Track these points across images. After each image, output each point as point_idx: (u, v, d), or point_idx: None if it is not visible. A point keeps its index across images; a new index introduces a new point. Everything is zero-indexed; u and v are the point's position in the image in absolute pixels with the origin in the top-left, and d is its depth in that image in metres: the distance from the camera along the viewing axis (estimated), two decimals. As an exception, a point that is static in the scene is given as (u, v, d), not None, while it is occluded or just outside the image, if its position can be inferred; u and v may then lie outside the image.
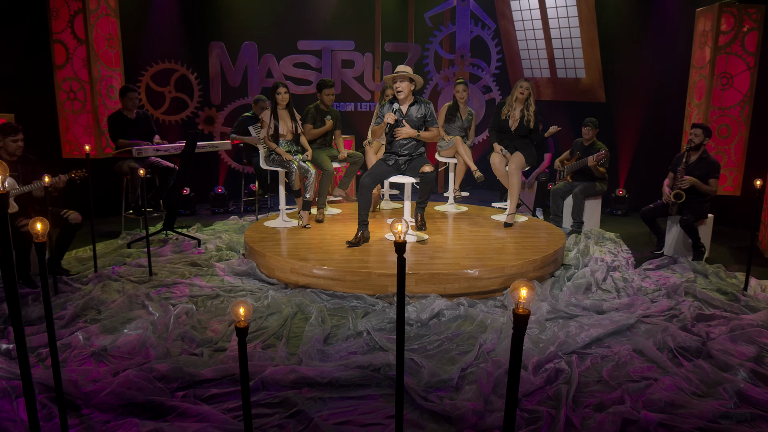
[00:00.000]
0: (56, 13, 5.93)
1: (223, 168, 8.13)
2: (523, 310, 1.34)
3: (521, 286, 1.33)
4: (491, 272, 4.36)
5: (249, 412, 1.80)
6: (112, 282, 4.58)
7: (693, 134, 5.19)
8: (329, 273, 4.39)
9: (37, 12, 6.04)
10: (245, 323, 1.63)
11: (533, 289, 1.33)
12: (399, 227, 1.85)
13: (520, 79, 5.75)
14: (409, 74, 4.87)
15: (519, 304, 1.34)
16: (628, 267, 5.06)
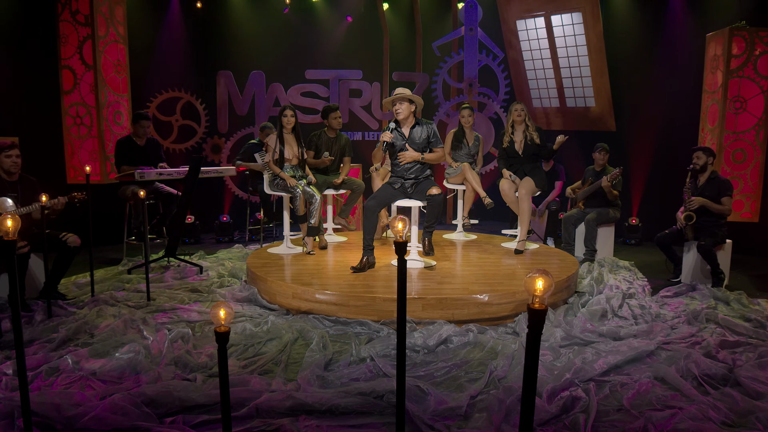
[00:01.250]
0: (65, 39, 5.97)
1: (228, 196, 8.05)
2: (540, 305, 1.18)
3: (538, 277, 1.18)
4: (502, 297, 4.17)
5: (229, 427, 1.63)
6: (108, 307, 4.43)
7: (695, 157, 5.10)
8: (332, 298, 4.22)
9: (46, 37, 6.08)
10: (226, 327, 1.47)
11: (551, 280, 1.18)
12: (399, 225, 1.71)
13: (512, 103, 5.69)
14: (408, 96, 4.79)
15: (535, 297, 1.18)
16: (645, 294, 4.85)
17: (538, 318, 1.19)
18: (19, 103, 6.08)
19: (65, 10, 5.90)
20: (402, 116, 4.79)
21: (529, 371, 1.25)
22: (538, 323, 1.20)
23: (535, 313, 1.19)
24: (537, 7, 8.01)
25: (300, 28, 8.33)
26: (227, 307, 1.51)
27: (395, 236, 1.72)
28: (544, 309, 1.20)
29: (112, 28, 6.12)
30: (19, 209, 4.30)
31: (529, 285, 1.20)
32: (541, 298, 1.19)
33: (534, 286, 1.18)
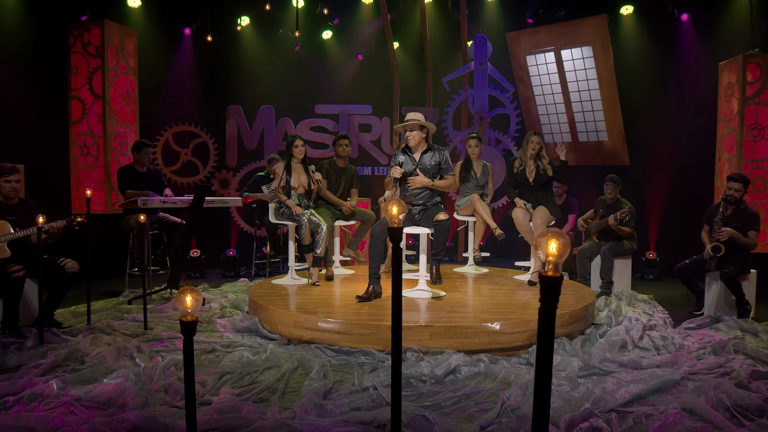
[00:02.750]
0: (76, 70, 6.02)
1: (235, 230, 7.95)
2: (554, 272, 1.00)
3: (550, 237, 1.00)
4: (515, 326, 3.94)
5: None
6: (103, 335, 4.25)
7: (732, 189, 4.81)
8: (335, 326, 4.01)
9: (58, 68, 6.14)
10: (193, 317, 1.31)
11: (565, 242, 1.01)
12: (395, 210, 1.55)
13: (530, 132, 5.56)
14: (420, 121, 4.70)
15: (548, 263, 1.01)
16: (667, 326, 4.58)
17: (552, 288, 1.02)
18: (28, 131, 6.10)
19: (77, 42, 5.97)
20: (413, 143, 4.70)
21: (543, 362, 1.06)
22: (553, 295, 1.02)
23: (548, 282, 1.01)
24: (546, 43, 8.02)
25: (310, 65, 8.39)
26: (194, 293, 1.35)
27: (390, 222, 1.56)
28: (560, 277, 1.02)
29: (122, 60, 6.18)
30: (16, 232, 4.20)
31: (541, 247, 1.03)
32: (555, 264, 1.01)
33: (546, 248, 1.01)
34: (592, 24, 7.47)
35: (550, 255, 1.01)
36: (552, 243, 1.01)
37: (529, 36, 8.15)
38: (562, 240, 1.01)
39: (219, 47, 7.81)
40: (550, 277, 1.01)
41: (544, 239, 1.02)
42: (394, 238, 1.52)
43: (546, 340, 1.00)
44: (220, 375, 3.42)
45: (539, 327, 1.03)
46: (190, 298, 1.34)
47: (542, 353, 1.05)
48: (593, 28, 7.49)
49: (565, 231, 7.00)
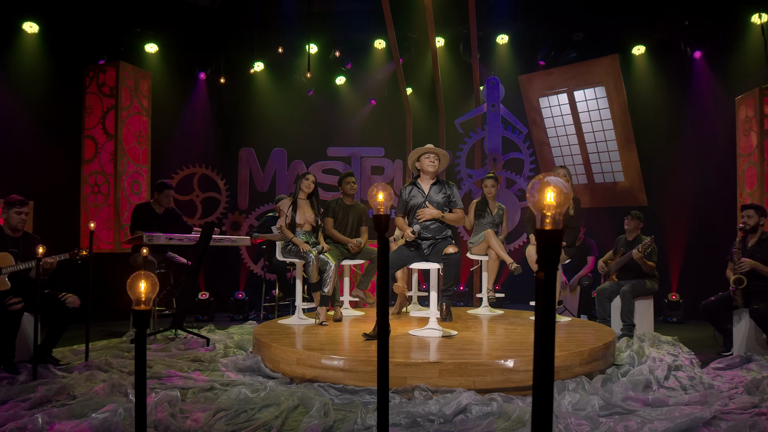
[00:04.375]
0: (90, 110, 6.12)
1: (244, 272, 7.83)
2: (553, 225, 0.85)
3: (545, 186, 0.86)
4: (530, 363, 3.70)
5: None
6: (100, 372, 4.10)
7: (746, 216, 4.67)
8: (339, 363, 3.81)
9: (73, 108, 6.26)
10: (147, 306, 1.17)
11: (566, 193, 0.86)
12: (380, 197, 1.42)
13: (557, 166, 5.45)
14: (439, 152, 4.64)
15: (545, 216, 0.86)
16: (694, 367, 4.29)
17: (551, 244, 0.86)
18: (41, 169, 6.17)
19: (93, 82, 6.10)
20: (432, 168, 4.63)
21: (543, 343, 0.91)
22: (552, 253, 0.87)
23: (546, 237, 0.86)
24: (559, 84, 8.01)
25: (323, 109, 8.47)
26: (150, 279, 1.22)
27: (376, 209, 1.43)
28: (559, 231, 0.87)
29: (136, 100, 6.27)
30: (17, 265, 4.13)
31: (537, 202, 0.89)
32: (553, 217, 0.86)
33: (542, 200, 0.86)
34: (605, 64, 7.46)
35: (547, 206, 0.86)
36: (549, 192, 0.87)
37: (541, 78, 8.16)
38: (560, 188, 0.87)
39: (233, 91, 7.93)
40: (548, 231, 0.86)
41: (541, 190, 0.87)
42: (379, 227, 1.39)
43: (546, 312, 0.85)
44: (214, 412, 3.23)
45: (537, 295, 0.89)
46: (144, 284, 1.21)
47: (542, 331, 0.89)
48: (605, 68, 7.47)
49: (583, 272, 6.77)
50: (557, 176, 3.53)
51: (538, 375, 0.97)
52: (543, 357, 0.96)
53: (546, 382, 0.97)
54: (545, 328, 0.93)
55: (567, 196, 0.90)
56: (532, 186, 0.91)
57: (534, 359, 1.01)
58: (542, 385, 0.96)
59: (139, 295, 1.22)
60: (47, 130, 6.26)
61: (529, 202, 0.94)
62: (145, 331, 1.23)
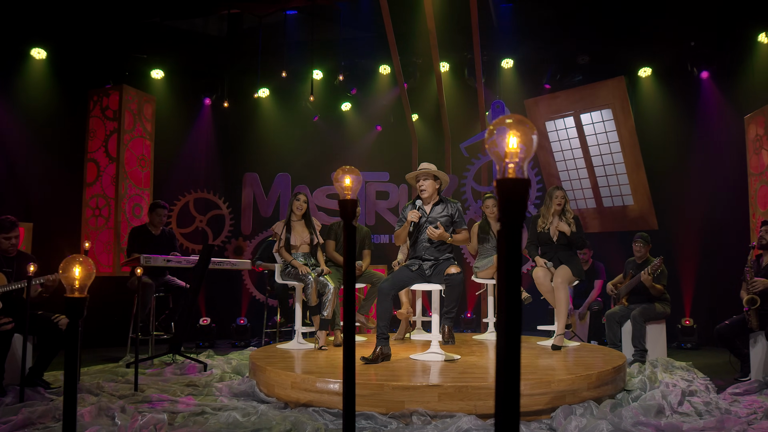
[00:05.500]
0: (94, 133, 6.13)
1: (246, 297, 7.71)
2: (515, 173, 0.74)
3: (505, 131, 0.75)
4: (534, 387, 3.53)
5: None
6: (91, 396, 3.97)
7: (764, 231, 4.48)
8: (335, 387, 3.66)
9: (76, 132, 6.28)
10: (81, 294, 1.06)
11: (531, 129, 0.75)
12: (347, 181, 1.32)
13: (552, 187, 5.34)
14: (433, 171, 4.53)
15: (507, 163, 0.75)
16: (710, 392, 4.07)
17: (513, 195, 0.74)
18: (43, 192, 6.17)
19: (96, 106, 6.12)
20: (426, 194, 4.51)
21: (508, 309, 0.79)
22: (514, 205, 0.75)
23: (506, 186, 0.74)
24: (565, 107, 7.94)
25: (328, 135, 8.46)
26: (86, 264, 1.12)
27: (341, 194, 1.33)
28: (525, 181, 0.75)
29: (139, 124, 6.29)
30: (9, 285, 4.06)
31: (498, 150, 0.77)
32: (517, 163, 0.74)
33: (504, 146, 0.75)
34: (611, 86, 7.39)
35: (509, 153, 0.75)
36: (511, 136, 0.76)
37: (547, 101, 8.10)
38: (526, 128, 0.77)
39: (237, 116, 7.96)
40: (510, 180, 0.75)
41: (501, 134, 0.76)
42: (345, 213, 1.29)
43: (509, 276, 0.74)
44: (201, 435, 3.09)
45: (498, 255, 0.77)
46: (79, 268, 1.11)
47: (505, 297, 0.78)
48: (612, 90, 7.41)
49: (592, 298, 6.58)
50: (556, 199, 3.38)
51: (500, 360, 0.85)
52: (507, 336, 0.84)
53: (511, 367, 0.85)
54: (509, 298, 0.81)
55: (531, 141, 0.79)
56: (493, 131, 0.80)
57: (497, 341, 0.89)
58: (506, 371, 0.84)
59: (72, 282, 1.12)
60: (52, 154, 6.28)
61: (489, 152, 0.83)
62: (78, 322, 1.12)
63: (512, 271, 0.80)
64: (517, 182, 0.76)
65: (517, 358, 0.84)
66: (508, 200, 0.77)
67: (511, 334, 0.83)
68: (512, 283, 0.81)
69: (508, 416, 0.83)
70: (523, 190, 0.78)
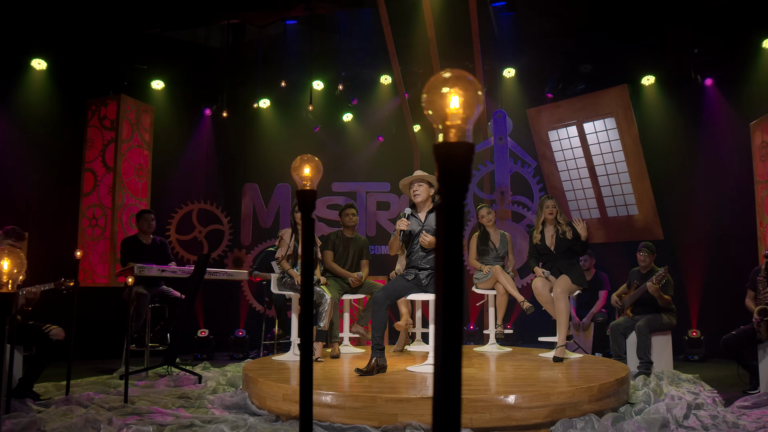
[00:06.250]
0: (91, 143, 6.11)
1: (245, 308, 7.62)
2: (458, 137, 0.65)
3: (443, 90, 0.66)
4: (533, 400, 3.41)
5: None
6: (80, 407, 3.89)
7: None
8: (327, 399, 3.55)
9: (74, 141, 6.26)
10: (8, 289, 0.98)
11: (474, 87, 0.66)
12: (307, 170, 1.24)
13: (542, 197, 5.26)
14: (428, 177, 4.45)
15: (446, 127, 0.66)
16: (717, 405, 3.93)
17: (451, 158, 0.65)
18: (41, 201, 6.14)
19: (94, 116, 6.11)
20: (420, 198, 4.42)
21: (445, 297, 0.70)
22: (453, 169, 0.66)
23: (444, 150, 0.65)
24: (568, 117, 7.86)
25: (330, 145, 8.41)
26: (13, 256, 1.04)
27: (300, 185, 1.25)
28: (469, 145, 0.66)
29: (137, 134, 6.26)
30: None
31: (436, 112, 0.68)
32: (458, 125, 0.65)
33: (444, 107, 0.66)
34: (613, 95, 7.31)
35: (450, 114, 0.66)
36: (452, 95, 0.67)
37: (549, 111, 8.02)
38: (469, 84, 0.68)
39: (238, 127, 7.93)
40: (449, 145, 0.66)
41: (439, 88, 0.67)
42: (304, 205, 1.20)
43: (448, 255, 0.65)
44: (186, 448, 2.99)
45: (437, 231, 0.68)
46: (7, 261, 1.03)
47: (443, 292, 0.69)
48: (615, 98, 7.32)
49: (596, 309, 6.44)
50: (547, 208, 3.27)
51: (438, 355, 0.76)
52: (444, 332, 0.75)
53: (450, 361, 0.76)
54: (448, 280, 0.72)
55: (476, 100, 0.70)
56: (430, 89, 0.71)
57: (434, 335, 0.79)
58: (445, 366, 0.74)
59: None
60: (50, 163, 6.27)
61: (426, 112, 0.74)
62: (4, 319, 1.04)
63: (453, 249, 0.71)
64: (458, 147, 0.67)
65: (457, 350, 0.75)
66: (448, 168, 0.68)
67: (450, 328, 0.74)
68: (452, 262, 0.72)
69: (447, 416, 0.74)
70: (466, 157, 0.69)
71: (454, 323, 0.74)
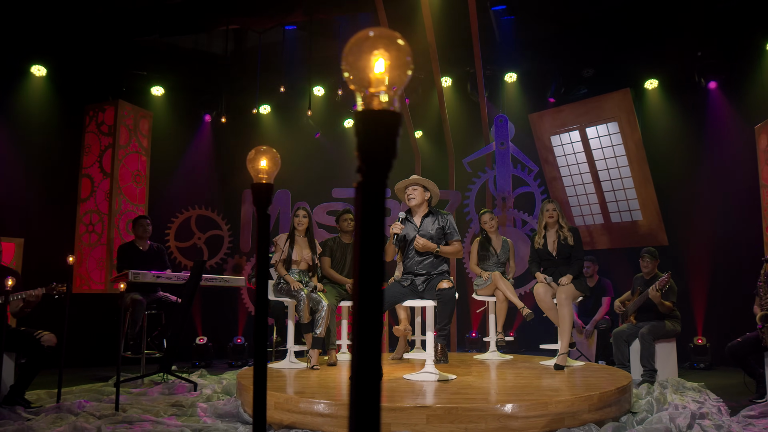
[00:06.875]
0: (89, 149, 6.09)
1: (243, 315, 7.55)
2: (383, 104, 0.57)
3: (365, 47, 0.59)
4: (530, 409, 3.31)
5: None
6: (70, 415, 3.83)
7: None
8: (319, 408, 3.47)
9: (71, 147, 6.24)
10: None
11: (402, 48, 0.59)
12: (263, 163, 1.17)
13: (544, 201, 5.18)
14: (422, 181, 4.38)
15: (370, 94, 0.58)
16: (722, 414, 3.81)
17: (372, 126, 0.57)
18: (39, 207, 6.11)
19: (92, 122, 6.08)
20: (415, 202, 4.35)
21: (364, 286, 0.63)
22: (373, 140, 0.58)
23: (364, 117, 0.58)
24: (570, 121, 7.77)
25: (330, 151, 8.35)
26: None
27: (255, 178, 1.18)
28: (395, 114, 0.59)
29: (134, 139, 6.23)
30: (-12, 300, 3.94)
31: (358, 76, 0.61)
32: (385, 95, 0.58)
33: (367, 71, 0.59)
34: (616, 99, 7.22)
35: (375, 80, 0.59)
36: (377, 59, 0.59)
37: (552, 115, 7.94)
38: (397, 46, 0.60)
39: (237, 132, 7.89)
40: (371, 113, 0.58)
41: (362, 50, 0.60)
42: (259, 199, 1.13)
43: (368, 238, 0.57)
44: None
45: (356, 210, 0.60)
46: None
47: (361, 261, 0.61)
48: (617, 102, 7.23)
49: (599, 316, 6.33)
50: (547, 212, 3.19)
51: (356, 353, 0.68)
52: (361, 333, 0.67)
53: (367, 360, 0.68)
54: (365, 271, 0.64)
55: (405, 65, 0.62)
56: (353, 49, 0.63)
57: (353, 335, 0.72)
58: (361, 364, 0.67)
59: None
60: (48, 169, 6.25)
61: (346, 76, 0.66)
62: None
63: (372, 233, 0.64)
64: (382, 115, 0.58)
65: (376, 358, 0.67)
66: (370, 139, 0.60)
67: (369, 327, 0.66)
68: (371, 249, 0.65)
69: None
70: (391, 127, 0.61)
71: (373, 315, 0.67)
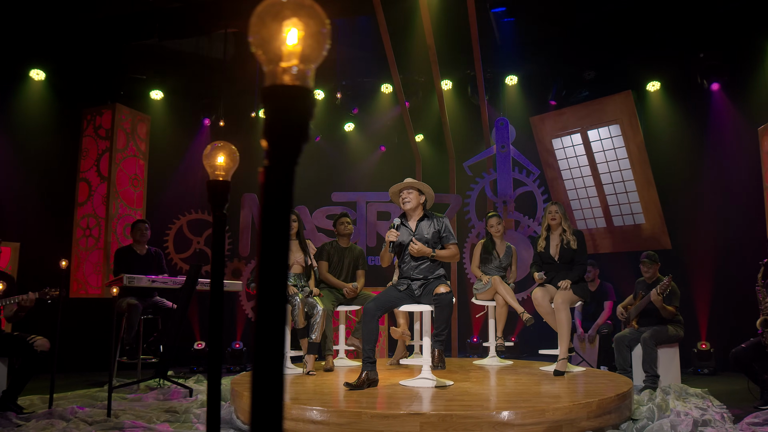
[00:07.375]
0: (86, 153, 6.07)
1: (242, 319, 7.50)
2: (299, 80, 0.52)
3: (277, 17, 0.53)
4: (526, 416, 3.24)
5: None
6: (62, 421, 3.79)
7: None
8: (311, 415, 3.40)
9: (69, 151, 6.23)
10: None
11: (319, 18, 0.53)
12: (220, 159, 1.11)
13: (548, 203, 5.12)
14: (417, 185, 4.33)
15: (283, 70, 0.53)
16: (725, 422, 3.73)
17: (281, 102, 0.52)
18: (36, 212, 6.09)
19: (90, 125, 6.07)
20: (410, 206, 4.29)
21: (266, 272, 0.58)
22: (282, 116, 0.53)
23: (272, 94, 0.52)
24: (572, 124, 7.71)
25: (331, 155, 8.32)
26: None
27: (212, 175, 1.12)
28: (307, 90, 0.53)
29: (132, 143, 6.21)
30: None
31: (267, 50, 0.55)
32: (299, 67, 0.53)
33: (279, 44, 0.53)
34: (618, 101, 7.15)
35: (285, 53, 0.53)
36: (290, 29, 0.53)
37: (553, 118, 7.88)
38: (313, 16, 0.55)
39: (236, 136, 7.86)
40: (281, 88, 0.52)
41: (273, 19, 0.54)
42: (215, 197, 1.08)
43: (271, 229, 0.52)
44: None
45: (264, 195, 0.55)
46: None
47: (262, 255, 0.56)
48: (619, 105, 7.16)
49: (601, 320, 6.25)
50: (550, 214, 3.13)
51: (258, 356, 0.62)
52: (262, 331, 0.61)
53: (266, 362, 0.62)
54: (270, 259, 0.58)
55: (321, 37, 0.57)
56: (257, 20, 0.57)
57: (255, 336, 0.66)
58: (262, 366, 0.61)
59: None
60: (45, 173, 6.24)
61: (253, 48, 0.60)
62: None
63: (277, 225, 0.58)
64: (292, 92, 0.53)
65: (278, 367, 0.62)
66: (277, 119, 0.54)
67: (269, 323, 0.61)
68: (275, 239, 0.59)
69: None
70: (304, 105, 0.55)
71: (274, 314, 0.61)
